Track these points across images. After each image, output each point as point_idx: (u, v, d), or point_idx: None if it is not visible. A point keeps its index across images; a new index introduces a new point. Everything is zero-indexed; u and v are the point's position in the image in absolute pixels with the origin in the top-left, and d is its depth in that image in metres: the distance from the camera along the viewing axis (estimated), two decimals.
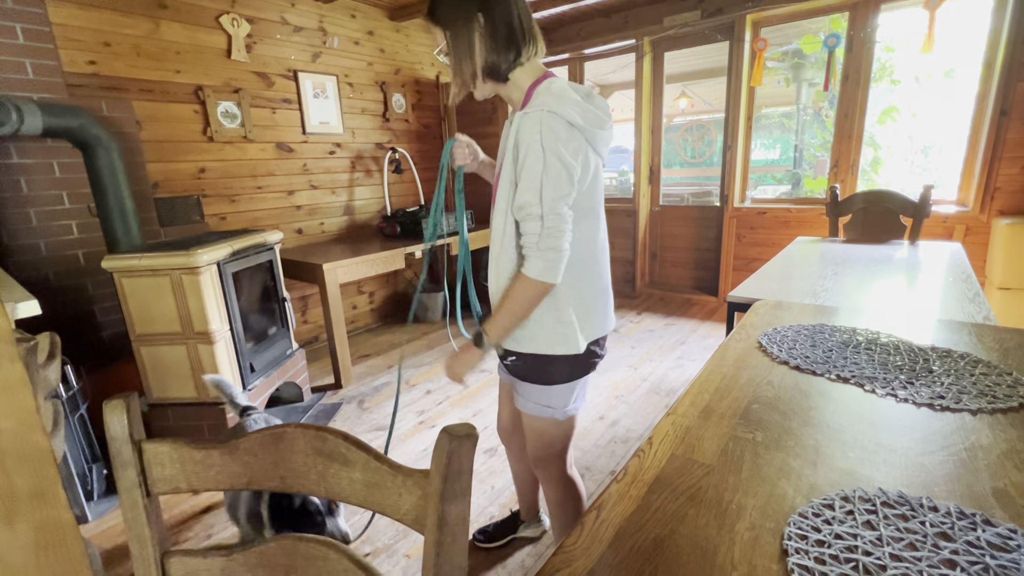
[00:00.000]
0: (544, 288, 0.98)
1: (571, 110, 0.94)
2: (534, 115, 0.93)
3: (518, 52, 0.99)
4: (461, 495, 0.50)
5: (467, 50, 0.98)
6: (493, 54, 0.98)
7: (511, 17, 0.96)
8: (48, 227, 2.24)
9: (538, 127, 0.92)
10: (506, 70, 1.00)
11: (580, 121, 0.94)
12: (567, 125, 0.93)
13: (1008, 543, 0.54)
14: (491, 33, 0.96)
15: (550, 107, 0.93)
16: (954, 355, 1.03)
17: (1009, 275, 2.59)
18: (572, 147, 0.94)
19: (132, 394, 0.60)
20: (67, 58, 2.33)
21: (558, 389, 1.11)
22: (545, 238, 0.94)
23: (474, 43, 0.97)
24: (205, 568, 0.63)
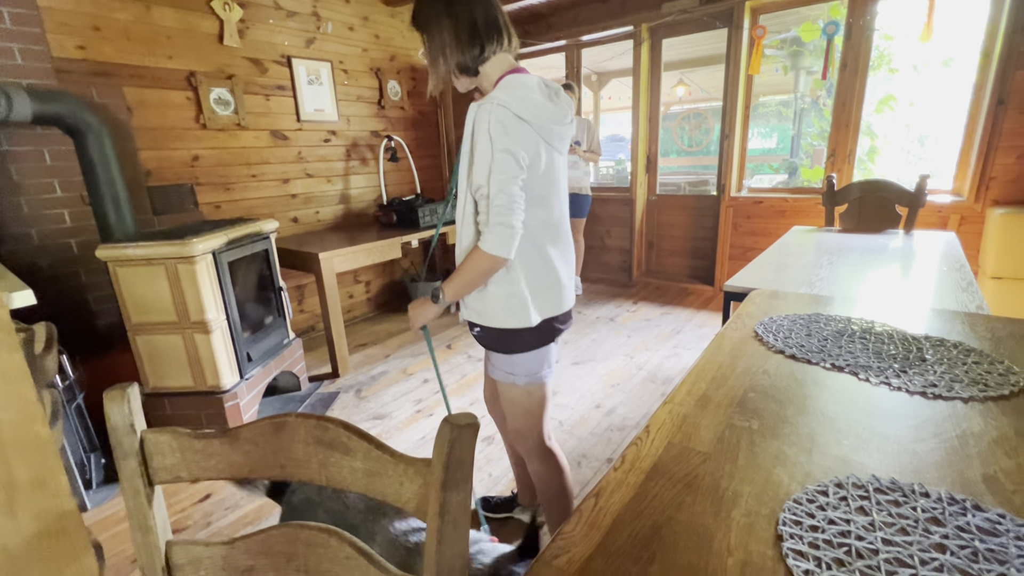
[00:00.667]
0: (496, 261, 1.06)
1: (520, 104, 1.02)
2: (485, 106, 1.02)
3: (482, 48, 1.08)
4: (462, 483, 0.51)
5: (440, 50, 1.08)
6: (459, 53, 1.07)
7: (474, 17, 1.06)
8: (40, 216, 2.21)
9: (487, 117, 1.01)
10: (473, 65, 1.09)
11: (527, 115, 1.03)
12: (514, 117, 1.02)
13: (997, 528, 0.56)
14: (456, 33, 1.06)
15: (500, 100, 1.01)
16: (947, 344, 1.04)
17: (1002, 264, 2.61)
18: (518, 137, 1.02)
19: (132, 384, 0.60)
20: (55, 43, 2.29)
21: (520, 357, 1.19)
22: (495, 215, 1.03)
23: (445, 43, 1.07)
24: (207, 555, 0.64)
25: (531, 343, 1.18)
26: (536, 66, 5.19)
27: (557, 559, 0.56)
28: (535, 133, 1.05)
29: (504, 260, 1.06)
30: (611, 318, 3.62)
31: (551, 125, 1.07)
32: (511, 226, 1.04)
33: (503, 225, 1.03)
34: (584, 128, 3.88)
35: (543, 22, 4.36)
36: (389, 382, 2.75)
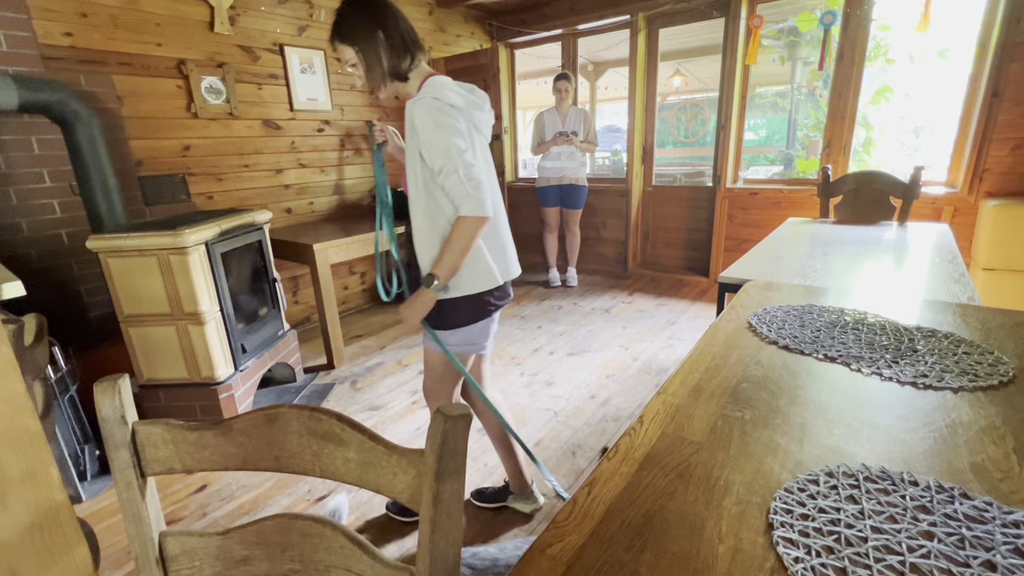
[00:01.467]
0: (480, 222, 1.21)
1: (449, 97, 1.21)
2: (423, 101, 1.19)
3: (412, 57, 1.26)
4: (456, 473, 0.51)
5: (376, 59, 1.23)
6: (395, 59, 1.24)
7: (401, 31, 1.24)
8: (29, 206, 2.18)
9: (428, 109, 1.18)
10: (406, 71, 1.27)
11: (460, 103, 1.23)
12: (449, 106, 1.20)
13: (984, 515, 0.56)
14: (391, 44, 1.23)
15: (434, 95, 1.20)
16: (938, 335, 1.05)
17: (994, 256, 2.63)
18: (455, 121, 1.20)
19: (123, 375, 0.60)
20: (42, 30, 2.25)
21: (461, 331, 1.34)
22: (467, 181, 1.19)
23: (380, 53, 1.22)
24: (201, 546, 0.64)
25: (471, 317, 1.32)
26: (532, 55, 5.15)
27: (550, 548, 0.57)
28: (465, 118, 1.24)
29: (487, 218, 1.21)
30: (606, 309, 3.62)
31: (474, 111, 1.27)
32: (482, 183, 1.20)
33: (476, 187, 1.19)
34: (581, 118, 3.87)
35: (539, 11, 4.31)
36: (384, 373, 2.75)
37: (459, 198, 1.19)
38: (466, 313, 1.31)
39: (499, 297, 1.36)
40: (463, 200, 1.19)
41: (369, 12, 1.21)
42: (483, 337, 1.38)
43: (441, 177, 1.20)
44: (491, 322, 1.38)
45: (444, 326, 1.33)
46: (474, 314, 1.32)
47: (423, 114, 1.17)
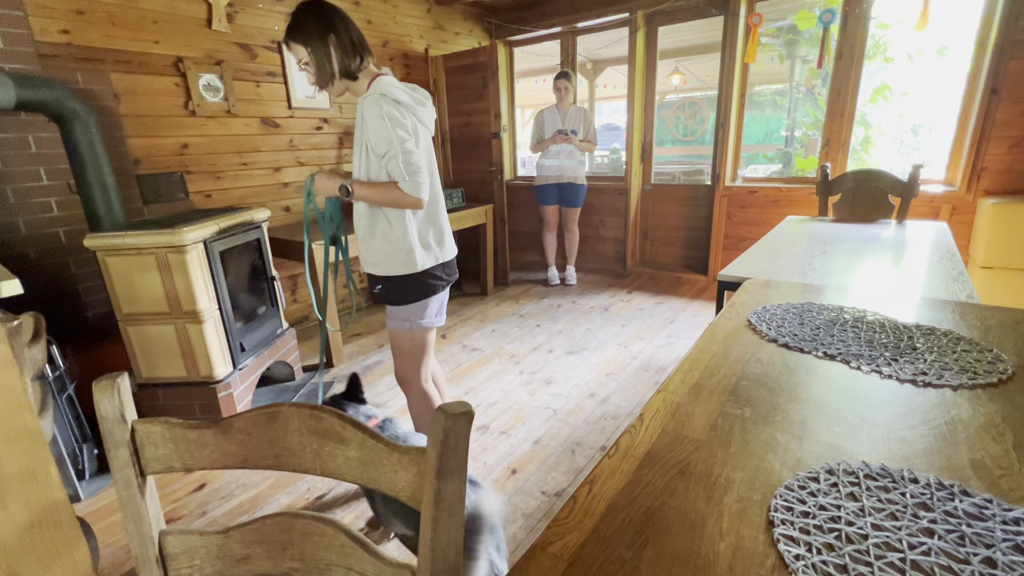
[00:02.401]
0: (408, 200, 1.37)
1: (395, 94, 1.36)
2: (372, 98, 1.34)
3: (361, 58, 1.40)
4: (457, 471, 0.51)
5: (326, 59, 1.36)
6: (346, 59, 1.38)
7: (351, 34, 1.38)
8: (26, 204, 2.17)
9: (375, 104, 1.33)
10: (356, 70, 1.40)
11: (404, 99, 1.38)
12: (394, 102, 1.35)
13: (984, 512, 0.57)
14: (341, 45, 1.36)
15: (382, 92, 1.35)
16: (937, 333, 1.05)
17: (992, 254, 2.63)
18: (399, 115, 1.35)
19: (122, 373, 0.60)
20: (38, 27, 2.23)
21: (415, 306, 1.51)
22: (406, 166, 1.34)
23: (331, 53, 1.36)
24: (202, 545, 0.64)
25: (423, 293, 1.50)
26: (531, 53, 5.14)
27: (552, 545, 0.57)
28: (409, 112, 1.39)
29: (420, 203, 1.38)
30: (605, 307, 3.63)
31: (417, 107, 1.42)
32: (422, 170, 1.36)
33: (413, 173, 1.35)
34: (581, 117, 3.85)
35: (538, 8, 4.30)
36: (383, 371, 2.75)
37: (401, 180, 1.35)
38: (412, 291, 1.49)
39: (439, 276, 1.53)
40: (408, 180, 1.35)
41: (321, 17, 1.35)
42: (428, 313, 1.54)
43: (384, 161, 1.35)
44: (435, 299, 1.55)
45: (394, 301, 1.51)
46: (419, 292, 1.49)
47: (371, 108, 1.32)
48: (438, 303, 1.57)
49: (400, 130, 1.34)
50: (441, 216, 1.56)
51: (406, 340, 1.55)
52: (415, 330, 1.54)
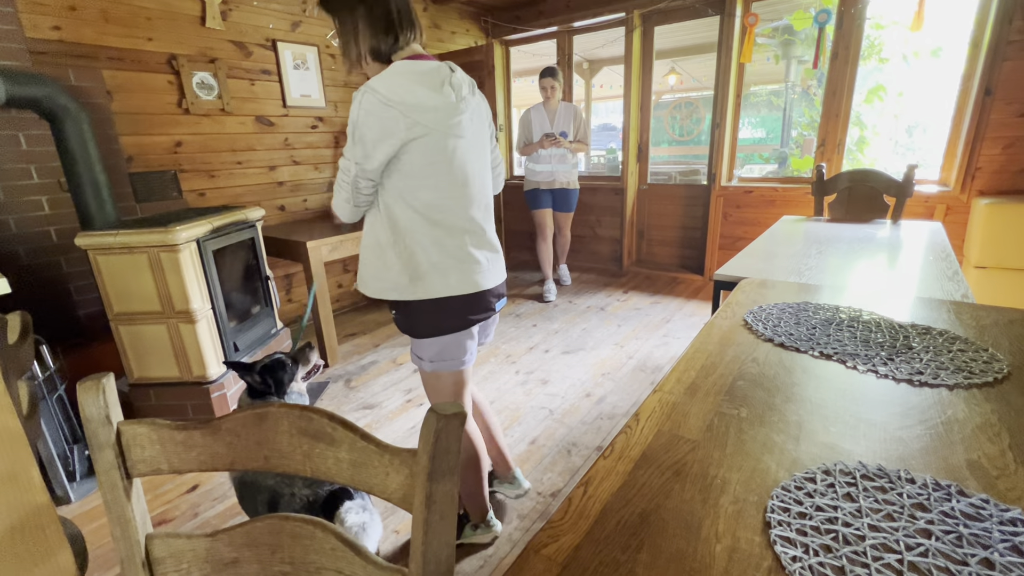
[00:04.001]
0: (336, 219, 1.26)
1: (390, 89, 1.05)
2: (358, 93, 1.07)
3: (396, 37, 1.12)
4: (449, 473, 0.50)
5: (352, 35, 1.12)
6: (374, 39, 1.12)
7: (389, 7, 1.11)
8: (16, 203, 2.15)
9: (359, 102, 1.06)
10: (387, 52, 1.13)
11: (395, 99, 1.05)
12: (382, 104, 1.04)
13: (980, 512, 0.56)
14: (371, 20, 1.10)
15: (371, 86, 1.05)
16: (933, 332, 1.05)
17: (986, 254, 2.64)
18: (380, 121, 1.05)
19: (107, 374, 0.59)
20: (29, 23, 2.21)
21: (427, 342, 1.24)
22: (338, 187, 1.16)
23: (358, 29, 1.11)
24: (189, 548, 0.63)
25: (436, 328, 1.21)
26: (527, 53, 5.13)
27: (546, 548, 0.56)
28: (404, 116, 1.06)
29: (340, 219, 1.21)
30: (601, 307, 3.62)
31: (427, 107, 1.08)
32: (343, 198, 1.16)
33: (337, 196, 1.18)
34: (570, 116, 3.58)
35: (534, 8, 4.30)
36: (379, 372, 2.73)
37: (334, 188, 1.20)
38: (422, 323, 1.20)
39: (463, 311, 1.22)
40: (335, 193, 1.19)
41: None
42: (445, 353, 1.25)
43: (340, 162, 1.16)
44: (452, 339, 1.24)
45: (405, 330, 1.25)
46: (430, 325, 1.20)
47: (354, 106, 1.08)
48: (458, 342, 1.24)
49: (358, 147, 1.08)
50: (452, 239, 1.19)
51: (430, 379, 1.30)
52: (437, 371, 1.27)
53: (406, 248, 1.16)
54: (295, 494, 1.15)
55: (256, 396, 1.37)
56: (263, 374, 1.37)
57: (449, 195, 1.16)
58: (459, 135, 1.14)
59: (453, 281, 1.19)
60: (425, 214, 1.15)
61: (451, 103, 1.11)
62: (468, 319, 1.23)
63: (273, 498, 1.16)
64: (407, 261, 1.17)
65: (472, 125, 1.18)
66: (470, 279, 1.21)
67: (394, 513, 1.68)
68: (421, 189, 1.14)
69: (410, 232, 1.16)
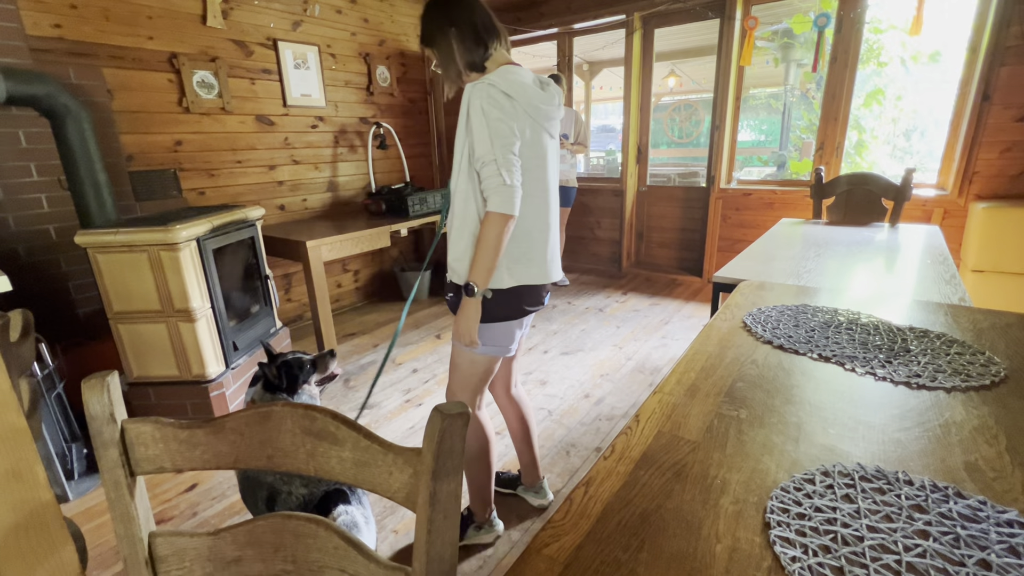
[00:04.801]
0: (506, 220, 1.15)
1: (507, 84, 1.14)
2: (478, 87, 1.14)
3: (486, 47, 1.23)
4: (453, 473, 0.50)
5: (450, 57, 1.22)
6: (468, 54, 1.22)
7: (475, 22, 1.21)
8: (16, 200, 2.15)
9: (480, 95, 1.13)
10: (481, 62, 1.23)
11: (513, 93, 1.15)
12: (502, 94, 1.14)
13: (978, 514, 0.57)
14: (462, 39, 1.21)
15: (490, 80, 1.15)
16: (931, 335, 1.06)
17: (983, 258, 2.66)
18: (507, 111, 1.14)
19: (112, 372, 0.59)
20: (30, 21, 2.21)
21: (485, 327, 1.26)
22: (498, 177, 1.13)
23: (453, 50, 1.22)
24: (193, 547, 0.63)
25: (499, 314, 1.26)
26: (528, 54, 5.14)
27: (547, 547, 0.56)
28: (521, 109, 1.16)
29: (512, 217, 1.15)
30: (600, 308, 3.63)
31: (538, 104, 1.19)
32: (514, 185, 1.14)
33: (506, 184, 1.13)
34: (572, 120, 3.83)
35: (535, 9, 4.30)
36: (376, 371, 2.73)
37: (488, 190, 1.15)
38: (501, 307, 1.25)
39: (518, 301, 1.27)
40: (491, 193, 1.14)
41: (440, 9, 1.21)
42: (494, 339, 1.30)
43: (479, 164, 1.15)
44: (502, 326, 1.29)
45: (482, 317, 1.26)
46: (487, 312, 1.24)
47: (475, 99, 1.13)
48: (510, 330, 1.31)
49: (504, 128, 1.13)
50: (539, 231, 1.28)
51: (464, 360, 1.32)
52: (478, 355, 1.31)
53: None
54: (292, 492, 1.15)
55: (271, 391, 1.36)
56: (281, 369, 1.37)
57: (538, 189, 1.25)
58: (552, 134, 1.26)
59: (535, 271, 1.27)
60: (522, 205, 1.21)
61: (554, 103, 1.23)
62: (524, 309, 1.29)
63: (271, 495, 1.17)
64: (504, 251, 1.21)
65: (558, 127, 1.30)
66: (544, 270, 1.30)
67: (394, 512, 1.68)
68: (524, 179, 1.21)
69: None
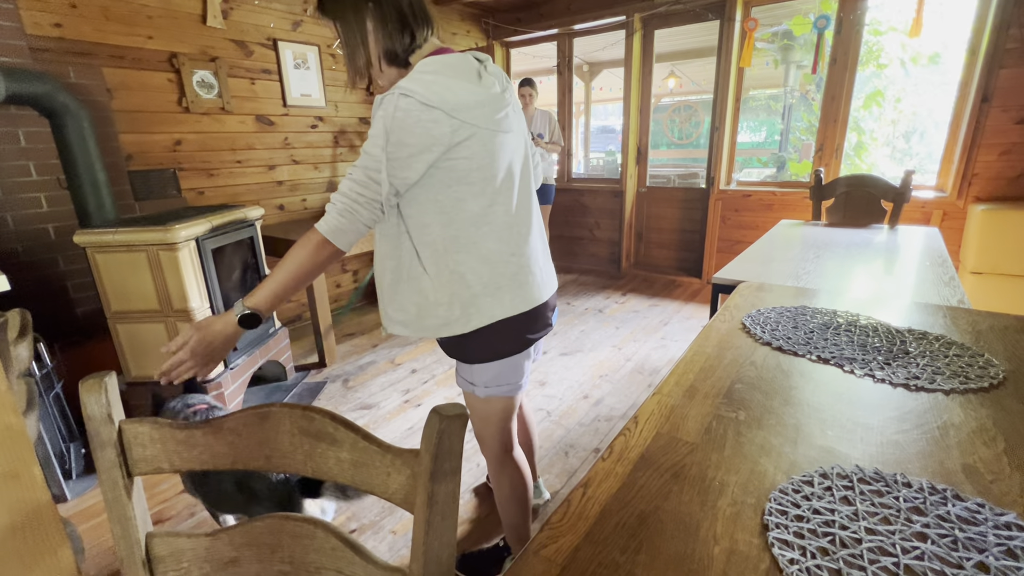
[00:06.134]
0: (329, 248, 0.94)
1: (428, 89, 0.88)
2: (389, 98, 0.89)
3: (412, 36, 0.97)
4: (451, 474, 0.50)
5: (360, 39, 0.95)
6: (388, 40, 0.96)
7: (400, 2, 0.95)
8: (15, 199, 2.14)
9: (390, 108, 0.89)
10: (404, 55, 0.98)
11: (436, 101, 0.89)
12: (421, 106, 0.88)
13: (976, 516, 0.57)
14: (382, 19, 0.94)
15: (405, 89, 0.88)
16: (929, 337, 1.06)
17: (982, 260, 2.66)
18: (421, 126, 0.89)
19: (110, 372, 0.59)
20: (30, 20, 2.20)
21: (479, 367, 1.10)
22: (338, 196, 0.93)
23: (367, 31, 0.95)
24: (190, 547, 0.63)
25: (493, 352, 1.07)
26: (527, 55, 5.14)
27: (545, 549, 0.56)
28: (449, 118, 0.90)
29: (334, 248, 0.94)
30: (599, 309, 3.63)
31: (475, 106, 0.93)
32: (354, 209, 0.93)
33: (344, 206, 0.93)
34: (546, 120, 3.91)
35: (535, 10, 4.31)
36: (376, 372, 2.73)
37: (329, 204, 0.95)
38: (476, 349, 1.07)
39: (519, 331, 1.08)
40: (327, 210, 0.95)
41: None
42: (501, 378, 1.11)
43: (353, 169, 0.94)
44: (508, 363, 1.11)
45: (454, 356, 1.13)
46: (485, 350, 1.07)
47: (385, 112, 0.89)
48: (517, 365, 1.11)
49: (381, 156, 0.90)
50: (527, 243, 1.06)
51: (478, 403, 1.16)
52: (491, 397, 1.13)
53: (452, 273, 1.00)
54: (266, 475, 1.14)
55: None
56: None
57: (496, 200, 1.00)
58: (507, 130, 1.00)
59: (507, 300, 1.04)
60: (471, 227, 0.99)
61: (495, 94, 0.97)
62: (527, 338, 1.10)
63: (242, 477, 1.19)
64: (455, 289, 1.00)
65: (516, 117, 1.04)
66: (526, 294, 1.07)
67: (391, 513, 1.68)
68: (467, 199, 0.97)
69: (453, 252, 0.99)
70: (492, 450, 1.23)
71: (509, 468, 1.25)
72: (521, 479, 1.28)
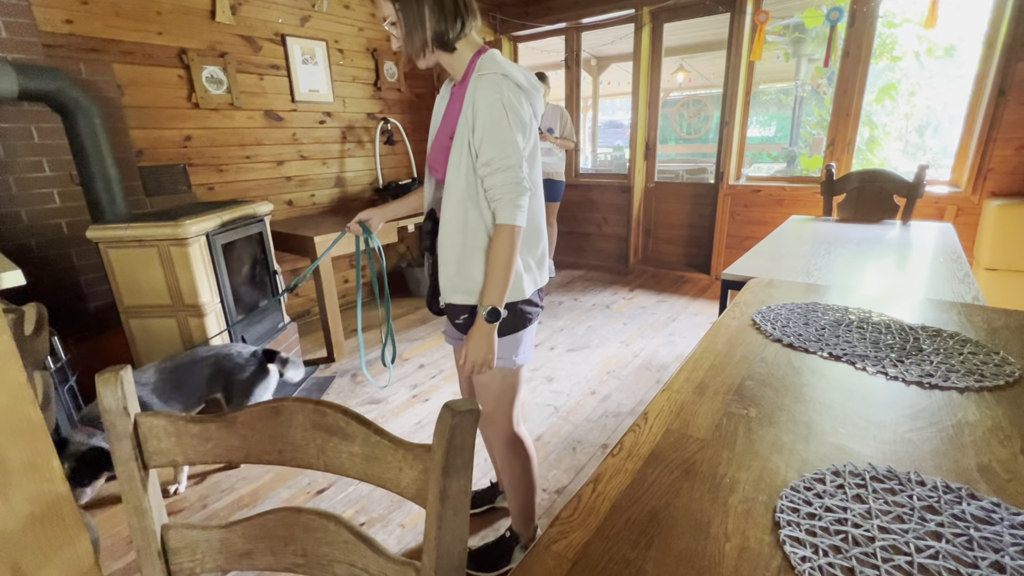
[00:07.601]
0: (516, 232, 1.05)
1: (518, 73, 1.04)
2: (490, 78, 1.00)
3: (463, 23, 1.05)
4: (463, 469, 0.51)
5: (417, 20, 1.02)
6: (441, 23, 1.03)
7: None
8: (29, 195, 2.17)
9: (495, 88, 1.00)
10: (453, 40, 1.06)
11: (524, 83, 1.04)
12: (516, 87, 1.02)
13: (991, 516, 0.56)
14: (439, 4, 1.02)
15: (504, 71, 1.01)
16: (944, 334, 1.04)
17: (997, 256, 2.62)
18: (521, 108, 1.03)
19: (125, 366, 0.59)
20: (42, 16, 2.22)
21: (509, 340, 1.18)
22: (512, 185, 1.03)
23: (424, 13, 1.02)
24: (204, 539, 0.64)
25: (516, 324, 1.17)
26: (535, 49, 5.11)
27: (555, 544, 0.56)
28: (529, 103, 1.06)
29: (519, 228, 1.06)
30: (607, 305, 3.62)
31: (535, 95, 1.09)
32: (524, 194, 1.04)
33: (519, 194, 1.04)
34: (557, 115, 3.89)
35: (543, 4, 4.28)
36: (384, 369, 2.74)
37: (499, 200, 1.03)
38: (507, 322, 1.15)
39: (536, 304, 1.21)
40: (502, 205, 1.03)
41: None
42: (523, 348, 1.23)
43: (486, 171, 1.03)
44: (530, 332, 1.23)
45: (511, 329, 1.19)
46: (514, 323, 1.16)
47: (490, 93, 0.99)
48: (531, 335, 1.24)
49: (519, 133, 1.02)
50: (542, 227, 1.20)
51: (495, 378, 1.23)
52: (506, 368, 1.21)
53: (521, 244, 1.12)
54: None
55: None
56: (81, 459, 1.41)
57: (537, 183, 1.15)
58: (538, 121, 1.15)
59: (538, 275, 1.20)
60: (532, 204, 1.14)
61: (541, 92, 1.11)
62: (539, 308, 1.23)
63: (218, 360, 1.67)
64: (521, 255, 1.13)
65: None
66: (544, 272, 1.23)
67: (400, 507, 1.70)
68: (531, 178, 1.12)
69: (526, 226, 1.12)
70: (503, 429, 1.30)
71: (518, 445, 1.32)
72: (529, 455, 1.35)
